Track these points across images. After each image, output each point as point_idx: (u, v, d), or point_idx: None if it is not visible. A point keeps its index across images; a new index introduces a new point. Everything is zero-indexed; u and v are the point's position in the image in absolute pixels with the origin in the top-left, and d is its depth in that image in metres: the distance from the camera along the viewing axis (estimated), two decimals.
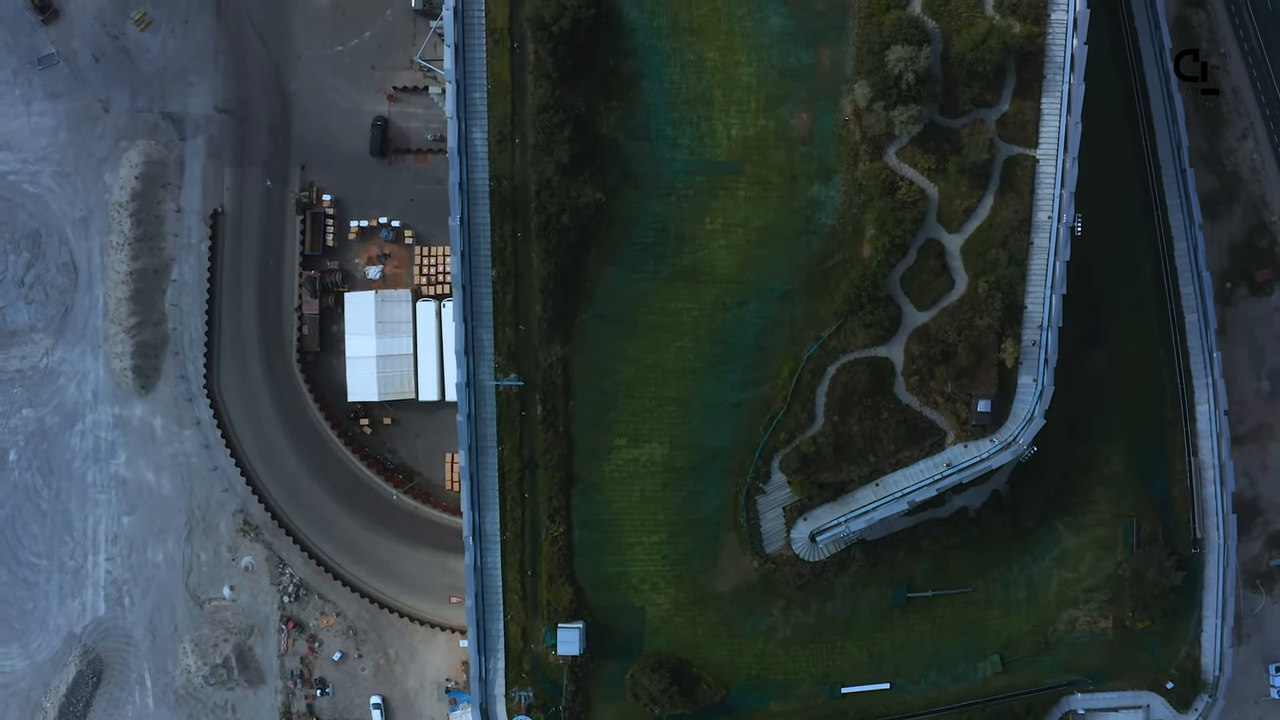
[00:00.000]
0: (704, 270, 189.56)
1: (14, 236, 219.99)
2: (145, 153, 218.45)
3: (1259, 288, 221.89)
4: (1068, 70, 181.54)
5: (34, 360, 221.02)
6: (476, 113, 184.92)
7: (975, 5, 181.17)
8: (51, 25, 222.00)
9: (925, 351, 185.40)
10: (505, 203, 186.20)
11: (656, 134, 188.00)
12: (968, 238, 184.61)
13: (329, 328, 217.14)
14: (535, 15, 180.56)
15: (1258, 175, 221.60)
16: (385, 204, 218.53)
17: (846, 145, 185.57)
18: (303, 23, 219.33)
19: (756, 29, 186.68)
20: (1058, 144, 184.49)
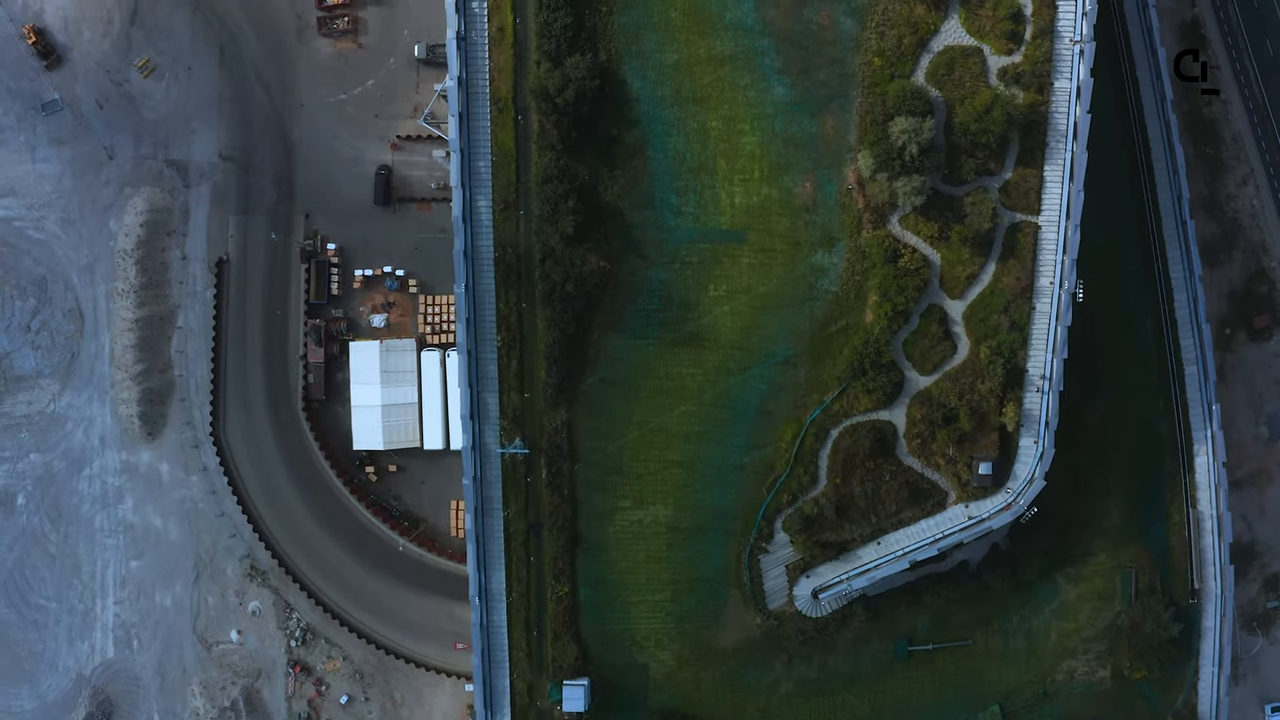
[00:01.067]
0: (708, 336, 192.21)
1: (20, 282, 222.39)
2: (150, 200, 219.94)
3: (1258, 334, 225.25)
4: (1070, 138, 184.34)
5: (41, 405, 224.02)
6: (481, 181, 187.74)
7: (978, 74, 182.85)
8: (55, 71, 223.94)
9: (927, 415, 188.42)
10: (510, 270, 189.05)
11: (661, 202, 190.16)
12: (970, 303, 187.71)
13: (334, 375, 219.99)
14: (540, 87, 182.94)
15: (1258, 221, 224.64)
16: (389, 252, 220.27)
17: (849, 213, 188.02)
18: (306, 71, 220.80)
19: (760, 98, 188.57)
20: (1060, 211, 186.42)
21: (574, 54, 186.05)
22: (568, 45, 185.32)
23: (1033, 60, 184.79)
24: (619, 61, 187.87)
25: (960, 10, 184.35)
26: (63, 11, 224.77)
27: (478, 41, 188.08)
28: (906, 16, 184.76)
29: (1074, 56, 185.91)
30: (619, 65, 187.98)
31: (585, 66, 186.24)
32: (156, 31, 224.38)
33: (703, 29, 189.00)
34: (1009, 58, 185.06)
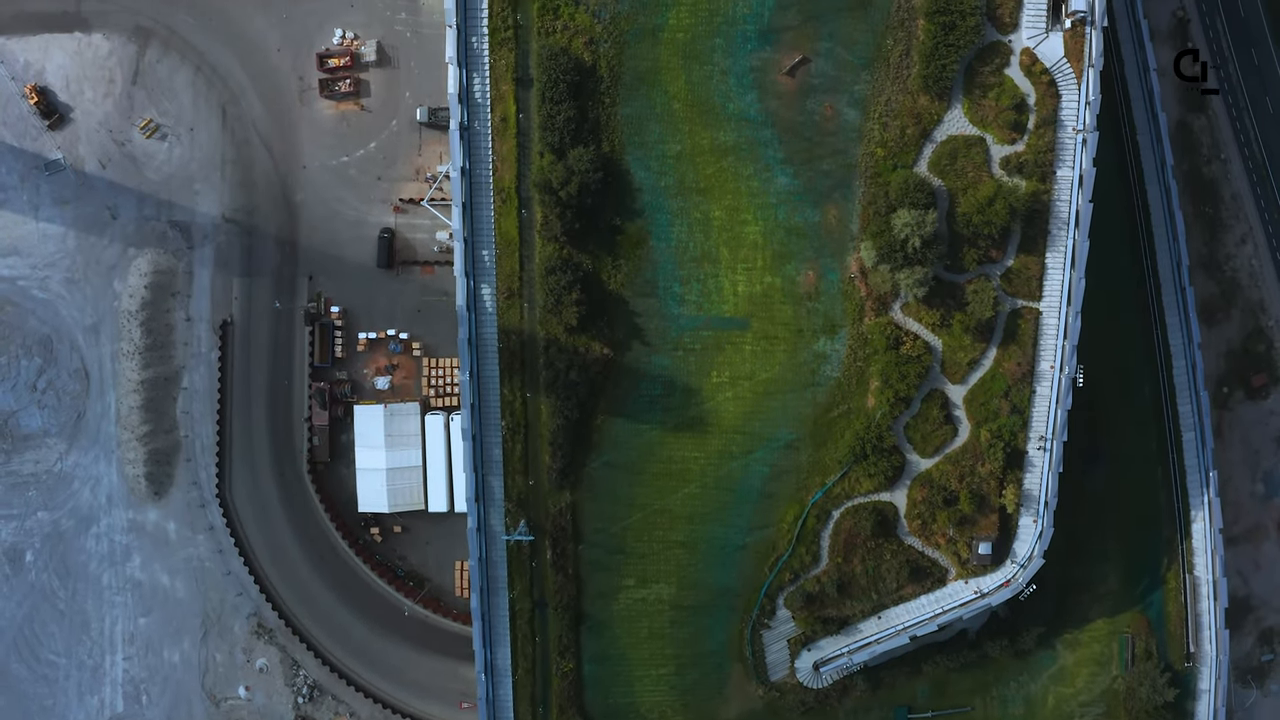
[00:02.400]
0: (711, 421, 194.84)
1: (25, 342, 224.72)
2: (154, 262, 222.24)
3: (1255, 392, 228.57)
4: (1073, 226, 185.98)
5: (48, 464, 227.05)
6: (485, 270, 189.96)
7: (981, 164, 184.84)
8: (58, 130, 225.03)
9: (928, 497, 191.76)
10: (514, 357, 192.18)
11: (664, 290, 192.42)
12: (971, 388, 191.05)
13: (339, 437, 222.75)
14: (543, 180, 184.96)
15: (1256, 281, 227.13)
16: (393, 315, 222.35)
17: (852, 301, 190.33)
18: (308, 133, 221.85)
19: (763, 188, 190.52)
20: (1061, 297, 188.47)
21: (577, 145, 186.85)
22: (571, 137, 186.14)
23: (1035, 150, 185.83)
24: (622, 152, 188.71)
25: (963, 100, 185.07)
26: (64, 71, 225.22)
27: (481, 131, 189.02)
28: (910, 107, 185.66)
29: (1077, 146, 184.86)
30: (622, 156, 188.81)
31: (588, 159, 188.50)
32: (158, 92, 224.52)
33: (706, 120, 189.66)
34: (1012, 147, 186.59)
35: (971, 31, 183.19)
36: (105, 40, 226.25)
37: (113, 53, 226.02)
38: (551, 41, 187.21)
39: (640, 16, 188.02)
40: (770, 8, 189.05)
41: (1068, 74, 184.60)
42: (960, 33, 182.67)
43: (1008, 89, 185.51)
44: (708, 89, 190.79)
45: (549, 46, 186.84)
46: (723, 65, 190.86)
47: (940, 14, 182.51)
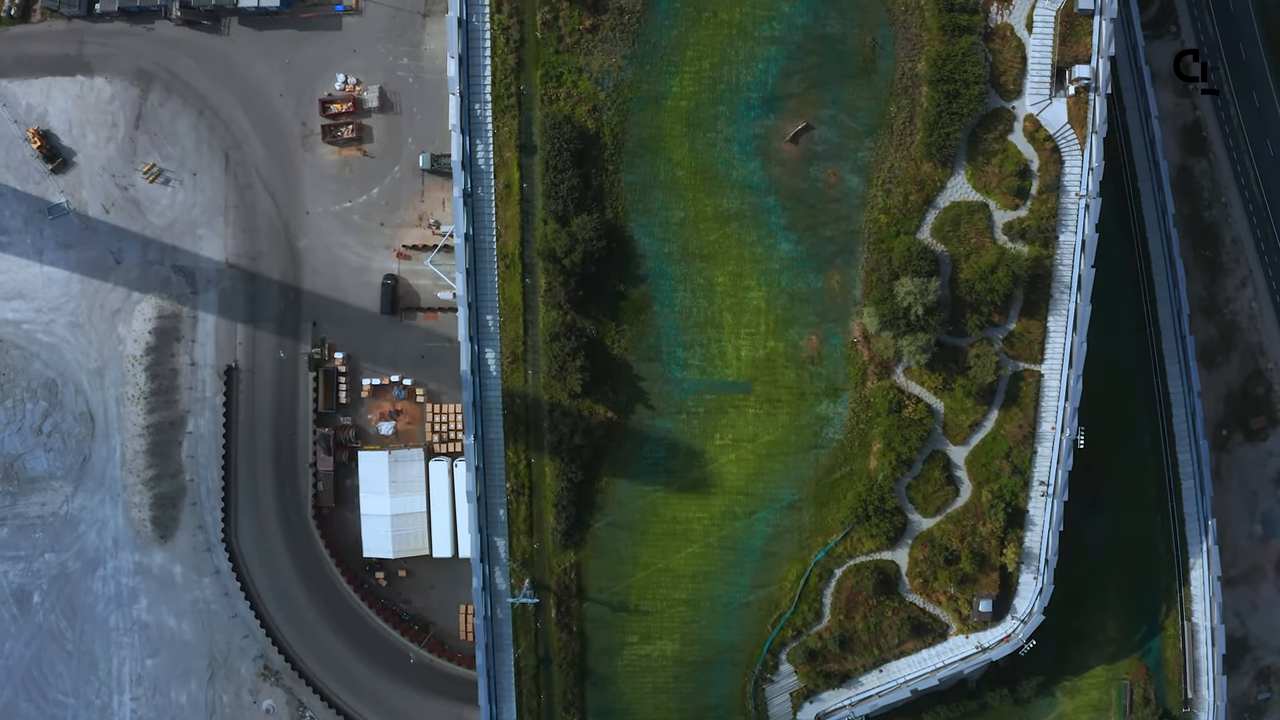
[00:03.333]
0: (714, 482, 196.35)
1: (31, 385, 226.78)
2: (158, 307, 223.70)
3: (1254, 434, 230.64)
4: (1075, 291, 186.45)
5: (54, 507, 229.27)
6: (489, 335, 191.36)
7: (984, 230, 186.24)
8: (61, 174, 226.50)
9: (929, 556, 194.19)
10: (518, 420, 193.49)
11: (667, 355, 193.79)
12: (972, 449, 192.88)
13: (343, 482, 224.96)
14: (547, 249, 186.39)
15: (1255, 324, 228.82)
16: (396, 360, 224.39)
17: (855, 365, 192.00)
18: (311, 178, 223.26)
19: (766, 254, 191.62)
20: (1063, 360, 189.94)
21: (581, 213, 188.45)
22: (574, 204, 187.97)
23: (1038, 215, 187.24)
24: (626, 218, 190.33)
25: (967, 166, 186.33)
26: (67, 115, 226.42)
27: (484, 198, 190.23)
28: (913, 174, 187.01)
29: (1079, 211, 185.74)
30: (626, 222, 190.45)
31: (592, 226, 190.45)
32: (161, 136, 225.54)
33: (709, 187, 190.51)
34: (1015, 212, 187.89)
35: (975, 100, 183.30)
36: (107, 84, 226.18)
37: (115, 97, 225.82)
38: (555, 109, 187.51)
39: (644, 84, 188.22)
40: (774, 75, 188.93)
41: (1071, 140, 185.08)
42: (964, 101, 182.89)
43: (1011, 155, 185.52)
44: (711, 156, 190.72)
45: (552, 114, 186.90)
46: (726, 132, 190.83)
47: (944, 82, 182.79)
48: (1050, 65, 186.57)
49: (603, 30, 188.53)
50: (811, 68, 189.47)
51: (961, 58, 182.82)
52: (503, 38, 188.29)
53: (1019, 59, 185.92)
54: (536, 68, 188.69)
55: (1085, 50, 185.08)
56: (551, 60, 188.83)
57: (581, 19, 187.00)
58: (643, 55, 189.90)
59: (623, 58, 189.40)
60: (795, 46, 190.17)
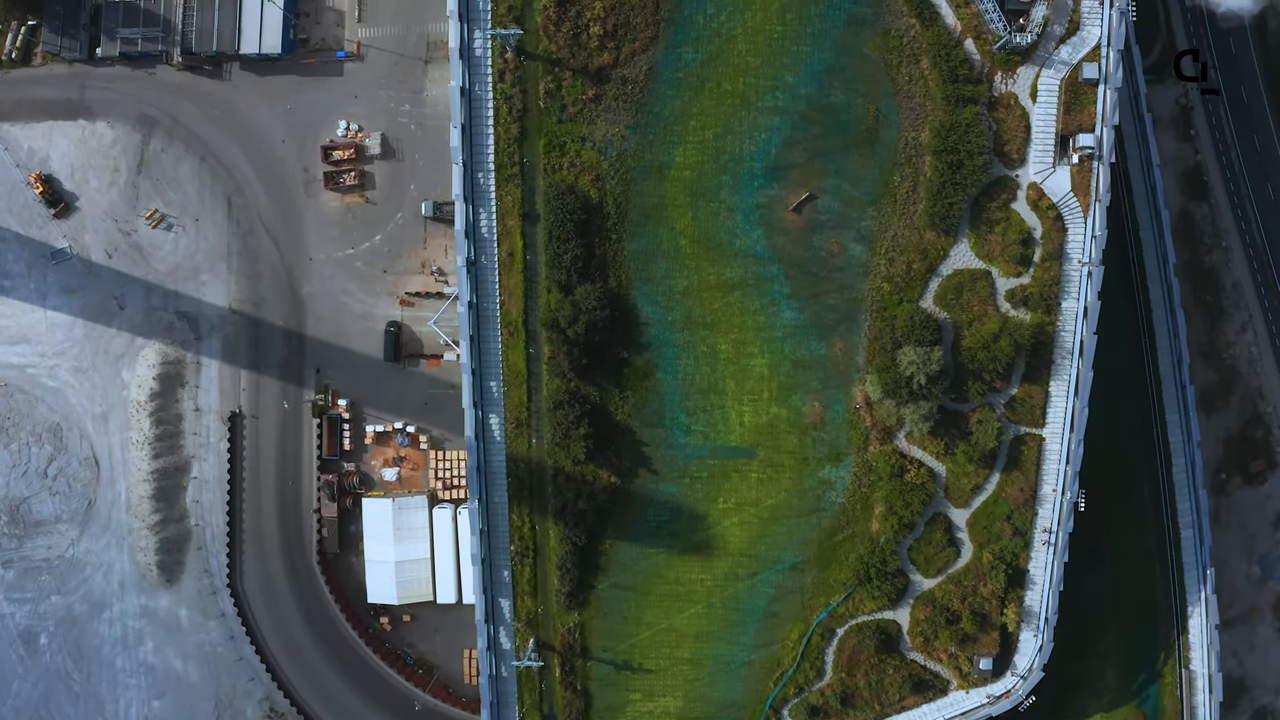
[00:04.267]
0: (717, 545, 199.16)
1: (36, 429, 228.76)
2: (162, 353, 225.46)
3: (1252, 477, 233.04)
4: (1076, 357, 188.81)
5: (60, 550, 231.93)
6: (493, 401, 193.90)
7: (987, 298, 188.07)
8: (63, 219, 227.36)
9: (930, 616, 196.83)
10: (522, 484, 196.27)
11: (671, 421, 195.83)
12: (974, 511, 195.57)
13: (347, 527, 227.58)
14: (551, 319, 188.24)
15: (1255, 368, 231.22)
16: (400, 407, 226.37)
17: (857, 430, 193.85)
18: (314, 225, 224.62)
19: (770, 322, 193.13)
20: (1064, 424, 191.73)
21: (584, 282, 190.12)
22: (578, 274, 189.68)
23: (1041, 283, 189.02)
24: (629, 287, 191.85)
25: (970, 235, 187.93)
26: (69, 159, 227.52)
27: (488, 265, 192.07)
28: (916, 243, 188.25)
29: (1082, 278, 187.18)
30: (629, 291, 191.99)
31: (596, 296, 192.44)
32: (163, 181, 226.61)
33: (712, 256, 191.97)
34: (1017, 279, 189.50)
35: (979, 170, 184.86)
36: (109, 128, 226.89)
37: (117, 141, 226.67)
38: (558, 178, 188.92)
39: (647, 154, 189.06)
40: (777, 145, 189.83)
41: (1074, 207, 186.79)
42: (968, 171, 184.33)
43: (1014, 223, 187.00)
44: (714, 225, 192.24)
45: (555, 184, 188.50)
46: (729, 202, 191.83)
47: (948, 152, 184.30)
48: (1054, 133, 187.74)
49: (606, 100, 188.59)
50: (815, 137, 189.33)
51: (965, 128, 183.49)
52: (505, 107, 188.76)
53: (1023, 127, 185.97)
54: (539, 137, 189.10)
55: (1089, 119, 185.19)
56: (554, 129, 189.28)
57: (585, 88, 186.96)
58: (646, 125, 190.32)
59: (626, 127, 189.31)
60: (799, 116, 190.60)
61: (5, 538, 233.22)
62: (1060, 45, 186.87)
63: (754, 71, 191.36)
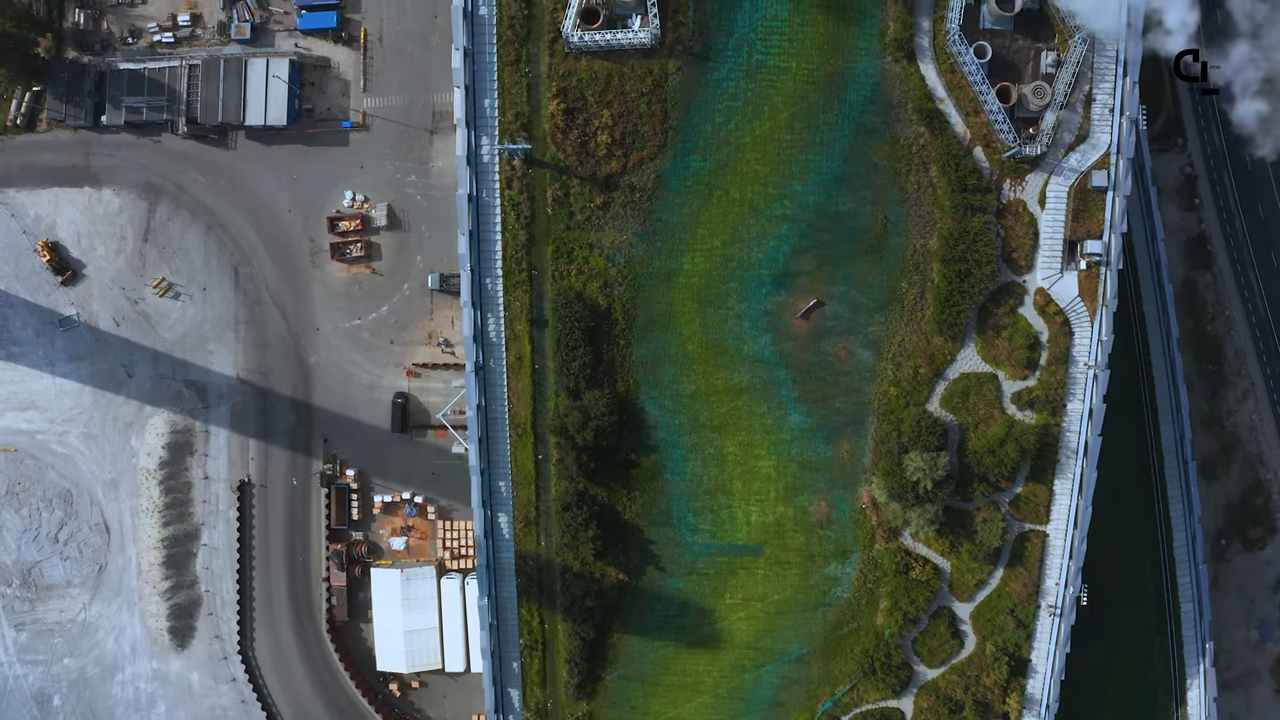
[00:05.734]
0: (724, 638, 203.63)
1: (46, 494, 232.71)
2: (170, 421, 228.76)
3: (1252, 543, 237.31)
4: (1081, 457, 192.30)
5: (72, 614, 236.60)
6: (502, 500, 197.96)
7: (993, 401, 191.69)
8: (71, 286, 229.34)
9: (934, 706, 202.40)
10: (531, 580, 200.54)
11: (679, 520, 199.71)
12: (978, 605, 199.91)
13: (356, 595, 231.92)
14: (559, 425, 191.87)
15: (1256, 435, 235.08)
16: (408, 477, 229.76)
17: (863, 529, 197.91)
18: (321, 295, 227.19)
19: (777, 425, 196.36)
20: (1068, 521, 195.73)
21: (593, 388, 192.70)
22: (586, 380, 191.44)
23: (1047, 386, 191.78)
24: (637, 391, 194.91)
25: (977, 339, 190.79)
26: (75, 226, 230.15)
27: (496, 370, 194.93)
28: (923, 348, 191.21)
29: (1088, 380, 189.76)
30: (637, 395, 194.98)
31: (604, 402, 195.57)
32: (170, 250, 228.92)
33: (720, 361, 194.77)
34: (1024, 382, 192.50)
35: (987, 278, 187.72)
36: (115, 196, 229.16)
37: (123, 209, 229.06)
38: (566, 284, 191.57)
39: (655, 261, 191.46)
40: (785, 253, 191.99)
41: (1081, 312, 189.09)
42: (975, 279, 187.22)
43: (1021, 328, 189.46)
44: (722, 331, 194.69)
45: (564, 291, 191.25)
46: (737, 309, 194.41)
47: (956, 261, 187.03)
48: (1062, 240, 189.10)
49: (614, 207, 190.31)
50: (823, 245, 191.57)
51: (974, 237, 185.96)
52: (513, 213, 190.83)
53: (1031, 234, 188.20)
54: (547, 243, 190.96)
55: (1098, 226, 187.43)
56: (562, 236, 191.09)
57: (593, 196, 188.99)
58: (654, 232, 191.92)
59: (634, 234, 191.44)
60: (807, 224, 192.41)
61: (18, 600, 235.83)
62: (1069, 153, 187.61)
63: (762, 180, 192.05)
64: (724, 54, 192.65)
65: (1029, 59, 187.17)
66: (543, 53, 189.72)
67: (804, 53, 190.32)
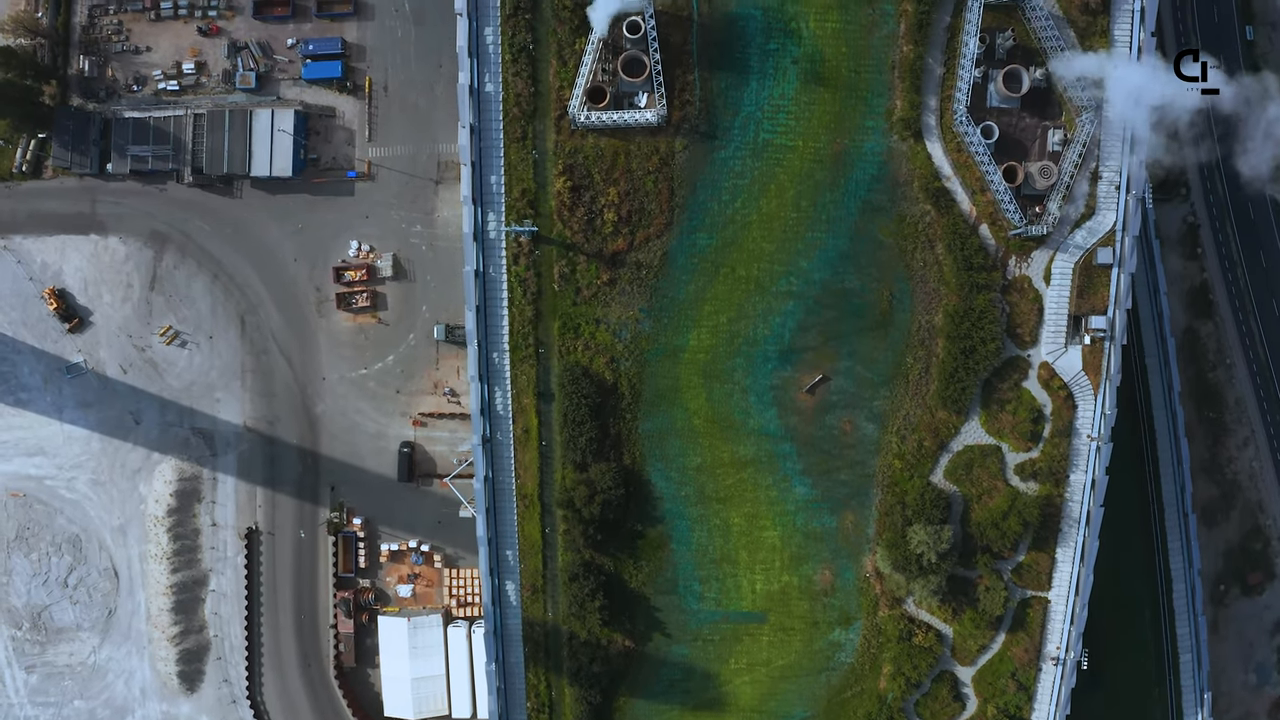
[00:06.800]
0: (729, 702, 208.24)
1: (55, 540, 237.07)
2: (178, 469, 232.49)
3: (1251, 588, 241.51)
4: (1083, 526, 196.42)
5: (82, 657, 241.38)
6: (509, 568, 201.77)
7: (996, 473, 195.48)
8: (78, 333, 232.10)
9: None
10: (539, 646, 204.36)
11: (684, 588, 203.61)
12: (979, 669, 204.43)
13: (364, 641, 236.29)
14: (566, 499, 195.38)
15: (1256, 482, 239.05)
16: (414, 526, 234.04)
17: (867, 596, 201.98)
18: (327, 344, 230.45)
19: (782, 497, 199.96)
20: (1070, 588, 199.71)
21: (600, 461, 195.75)
22: (593, 454, 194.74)
23: (1050, 458, 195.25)
24: (643, 464, 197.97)
25: (981, 413, 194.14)
26: (82, 274, 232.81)
27: (503, 442, 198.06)
28: (928, 422, 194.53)
29: (1090, 452, 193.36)
30: (643, 467, 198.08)
31: (610, 475, 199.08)
32: (176, 298, 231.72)
33: (726, 435, 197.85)
34: (1027, 454, 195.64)
35: (991, 355, 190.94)
36: (121, 244, 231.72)
37: (129, 257, 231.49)
38: (572, 360, 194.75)
39: (661, 336, 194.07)
40: (791, 329, 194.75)
41: (1085, 385, 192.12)
42: (980, 356, 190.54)
43: (1025, 402, 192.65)
44: (728, 406, 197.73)
45: (570, 366, 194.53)
46: (743, 384, 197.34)
47: (961, 338, 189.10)
48: (1066, 315, 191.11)
49: (620, 284, 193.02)
50: (829, 321, 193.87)
51: (979, 315, 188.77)
52: (520, 289, 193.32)
53: (1036, 310, 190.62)
54: (554, 319, 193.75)
55: (1102, 301, 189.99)
56: (569, 311, 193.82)
57: (599, 272, 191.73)
58: (660, 309, 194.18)
59: (640, 310, 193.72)
60: (813, 301, 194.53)
61: (28, 643, 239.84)
62: (1075, 229, 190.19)
63: (769, 257, 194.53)
64: (731, 132, 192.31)
65: (1036, 136, 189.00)
66: (549, 130, 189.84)
67: (811, 131, 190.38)
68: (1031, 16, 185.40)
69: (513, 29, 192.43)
